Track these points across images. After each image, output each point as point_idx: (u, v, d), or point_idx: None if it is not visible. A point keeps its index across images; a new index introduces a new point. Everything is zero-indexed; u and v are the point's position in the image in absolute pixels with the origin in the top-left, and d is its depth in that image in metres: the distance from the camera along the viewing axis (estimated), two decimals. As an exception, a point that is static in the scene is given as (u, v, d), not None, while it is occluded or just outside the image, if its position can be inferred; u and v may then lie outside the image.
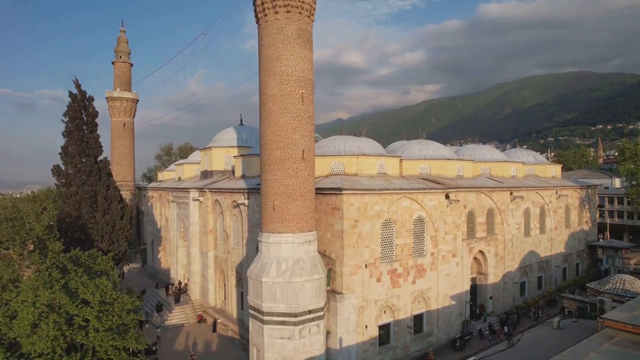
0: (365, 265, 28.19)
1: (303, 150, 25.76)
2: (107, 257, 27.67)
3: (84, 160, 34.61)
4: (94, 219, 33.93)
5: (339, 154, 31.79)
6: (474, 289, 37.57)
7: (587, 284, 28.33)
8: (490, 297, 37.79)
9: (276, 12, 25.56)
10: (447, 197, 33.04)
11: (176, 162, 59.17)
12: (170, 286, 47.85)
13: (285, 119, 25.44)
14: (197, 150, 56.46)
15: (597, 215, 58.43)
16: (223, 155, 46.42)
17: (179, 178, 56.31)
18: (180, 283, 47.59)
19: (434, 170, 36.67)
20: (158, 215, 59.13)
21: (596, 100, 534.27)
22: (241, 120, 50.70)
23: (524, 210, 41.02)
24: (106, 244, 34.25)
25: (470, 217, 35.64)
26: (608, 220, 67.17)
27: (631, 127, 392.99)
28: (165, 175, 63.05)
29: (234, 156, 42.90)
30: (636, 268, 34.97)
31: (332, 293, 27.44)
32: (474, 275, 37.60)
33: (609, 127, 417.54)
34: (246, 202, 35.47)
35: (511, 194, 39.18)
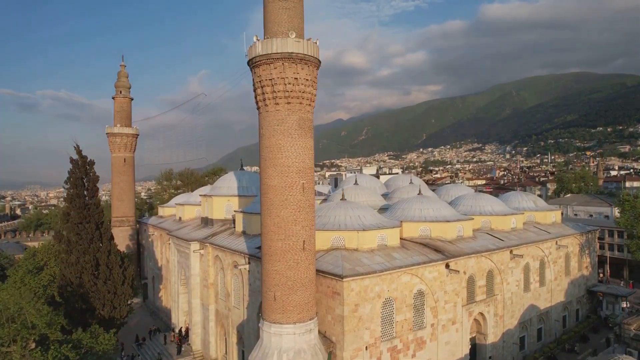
0: (366, 347, 28.30)
1: (304, 241, 25.88)
2: (109, 335, 27.92)
3: (85, 226, 34.71)
4: (96, 286, 34.08)
5: (339, 229, 31.83)
6: (473, 348, 37.64)
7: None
8: (490, 357, 37.93)
9: (277, 103, 25.63)
10: (447, 266, 33.15)
11: (177, 201, 59.22)
12: (172, 333, 48.21)
13: (286, 211, 25.54)
14: (196, 192, 56.47)
15: (597, 247, 58.49)
16: (224, 204, 46.52)
17: (180, 218, 56.40)
18: (181, 330, 47.79)
19: (434, 233, 36.75)
20: (159, 253, 59.31)
21: (596, 101, 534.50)
22: (241, 165, 50.85)
23: (524, 266, 41.12)
24: (108, 310, 34.40)
25: (470, 282, 35.75)
26: (608, 254, 67.29)
27: (631, 129, 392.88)
28: (166, 211, 63.13)
29: (234, 210, 42.99)
30: (636, 334, 35.10)
31: (333, 377, 27.58)
32: (473, 335, 37.71)
33: (609, 129, 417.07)
34: (247, 266, 35.63)
35: (511, 252, 39.28)
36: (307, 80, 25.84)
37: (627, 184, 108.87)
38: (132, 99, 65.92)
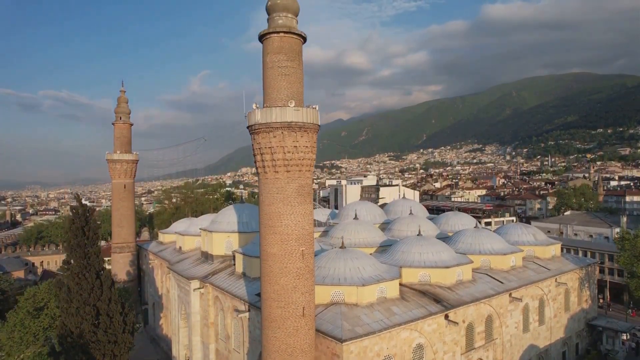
0: (365, 408, 28.41)
1: (304, 307, 25.98)
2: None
3: (85, 275, 34.77)
4: (96, 336, 34.15)
5: (339, 283, 31.87)
6: (473, 392, 37.76)
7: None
8: (489, 401, 38.04)
9: (276, 172, 25.71)
10: (446, 317, 33.24)
11: (177, 229, 59.23)
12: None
13: (285, 279, 25.64)
14: (197, 221, 56.54)
15: (597, 271, 58.64)
16: (223, 240, 46.56)
17: (180, 248, 56.51)
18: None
19: (434, 279, 36.84)
20: (159, 281, 59.40)
21: (596, 102, 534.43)
22: (241, 198, 50.87)
23: (523, 307, 41.20)
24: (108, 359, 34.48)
25: (469, 329, 35.84)
26: (608, 278, 67.32)
27: (632, 131, 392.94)
28: (166, 238, 63.14)
29: (234, 251, 43.05)
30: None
31: None
32: (472, 379, 37.80)
33: (609, 131, 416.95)
34: (247, 314, 35.73)
35: (510, 295, 39.35)
36: (306, 147, 25.91)
37: (628, 198, 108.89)
38: (132, 124, 65.96)
